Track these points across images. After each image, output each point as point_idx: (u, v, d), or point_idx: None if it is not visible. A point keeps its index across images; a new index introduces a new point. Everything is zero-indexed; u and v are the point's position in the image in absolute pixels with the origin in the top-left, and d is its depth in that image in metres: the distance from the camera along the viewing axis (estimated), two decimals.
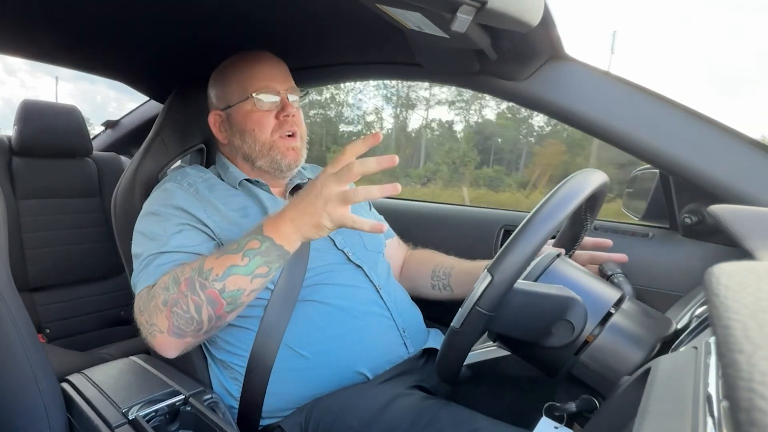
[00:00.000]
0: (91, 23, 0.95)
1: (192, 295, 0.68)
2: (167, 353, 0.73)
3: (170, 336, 0.70)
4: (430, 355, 0.90)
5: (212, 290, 0.67)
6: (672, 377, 0.37)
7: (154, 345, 0.73)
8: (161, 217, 0.82)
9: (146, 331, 0.73)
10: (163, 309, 0.70)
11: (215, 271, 0.68)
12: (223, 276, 0.67)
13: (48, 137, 1.54)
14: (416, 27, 0.71)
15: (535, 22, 0.63)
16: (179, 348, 0.74)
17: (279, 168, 0.91)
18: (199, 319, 0.69)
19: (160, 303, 0.70)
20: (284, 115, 0.90)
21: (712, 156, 0.76)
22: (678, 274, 0.89)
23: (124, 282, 1.69)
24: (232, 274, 0.67)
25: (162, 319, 0.70)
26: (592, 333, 0.59)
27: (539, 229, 0.56)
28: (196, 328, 0.70)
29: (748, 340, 0.19)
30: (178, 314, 0.69)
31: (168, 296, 0.69)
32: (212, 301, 0.68)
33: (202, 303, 0.68)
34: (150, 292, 0.73)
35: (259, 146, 0.90)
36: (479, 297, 0.56)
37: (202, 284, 0.68)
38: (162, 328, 0.70)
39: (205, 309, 0.68)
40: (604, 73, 0.83)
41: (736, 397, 0.17)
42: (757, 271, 0.26)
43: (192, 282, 0.68)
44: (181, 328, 0.70)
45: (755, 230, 0.43)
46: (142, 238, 0.82)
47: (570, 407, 0.60)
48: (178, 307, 0.69)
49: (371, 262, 0.92)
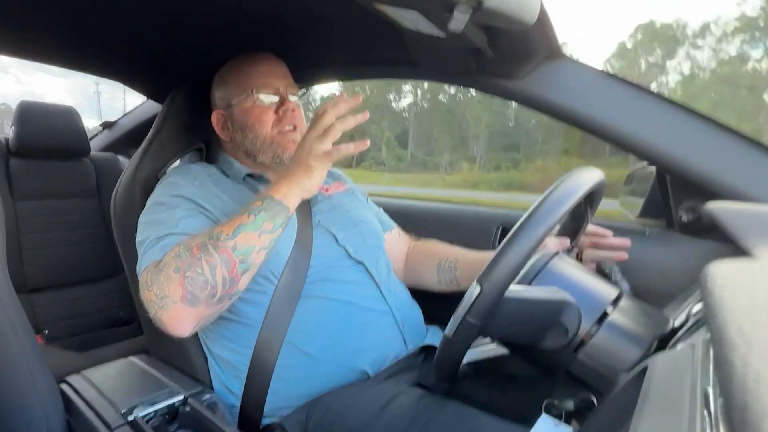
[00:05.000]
0: (90, 24, 0.95)
1: (206, 256, 0.68)
2: (179, 328, 0.70)
3: (184, 304, 0.68)
4: (429, 352, 0.91)
5: (224, 249, 0.69)
6: (669, 375, 0.37)
7: (166, 320, 0.70)
8: (167, 206, 0.82)
9: (156, 306, 0.70)
10: (175, 276, 0.68)
11: (225, 231, 0.70)
12: (233, 234, 0.70)
13: (45, 138, 1.54)
14: (413, 26, 0.71)
15: (532, 20, 0.63)
16: (192, 321, 0.71)
17: (281, 161, 0.92)
18: (213, 281, 0.68)
19: (171, 271, 0.69)
20: (283, 110, 0.91)
21: (708, 153, 0.77)
22: (675, 272, 0.89)
23: (122, 282, 1.68)
24: (241, 232, 0.70)
25: (175, 287, 0.68)
26: (589, 331, 0.59)
27: (529, 237, 0.55)
28: (210, 294, 0.69)
29: (742, 338, 0.19)
30: (192, 278, 0.68)
31: (180, 263, 0.69)
32: (226, 259, 0.69)
33: (216, 263, 0.68)
34: (159, 265, 0.72)
35: (260, 141, 0.92)
36: (469, 308, 0.56)
37: (214, 245, 0.69)
38: (175, 297, 0.68)
39: (219, 269, 0.69)
40: (601, 72, 0.83)
41: (730, 394, 0.17)
42: (752, 270, 0.26)
43: (204, 245, 0.69)
44: (195, 294, 0.68)
45: (751, 228, 0.43)
46: (148, 226, 0.81)
47: (568, 405, 0.60)
48: (191, 270, 0.68)
49: (372, 259, 0.92)
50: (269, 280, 0.82)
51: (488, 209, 1.28)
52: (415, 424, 0.68)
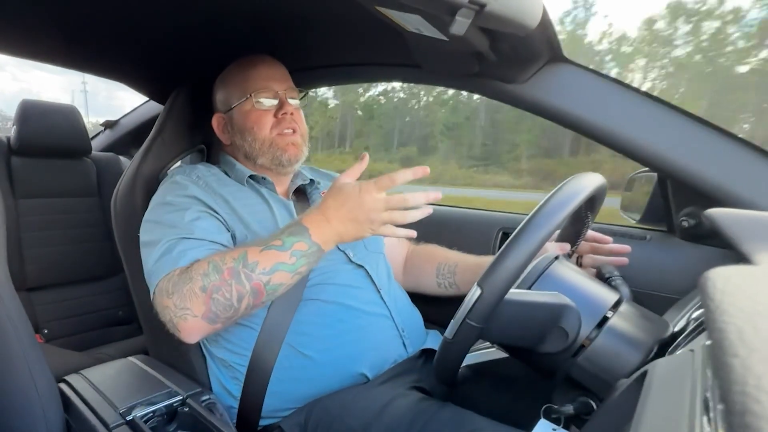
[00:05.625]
0: (92, 24, 0.95)
1: (237, 284, 0.70)
2: (191, 337, 0.73)
3: (203, 320, 0.71)
4: (428, 356, 0.91)
5: (258, 282, 0.70)
6: (669, 380, 0.37)
7: (182, 328, 0.72)
8: (176, 206, 0.83)
9: (173, 314, 0.72)
10: (201, 294, 0.70)
11: (261, 265, 0.70)
12: (270, 271, 0.70)
13: (47, 137, 1.54)
14: (415, 29, 0.71)
15: (534, 24, 0.63)
16: (205, 333, 0.74)
17: (281, 163, 0.93)
18: (237, 306, 0.71)
19: (197, 288, 0.70)
20: (282, 113, 0.92)
21: (709, 159, 0.77)
22: (675, 277, 0.89)
23: (122, 282, 1.68)
24: (278, 270, 0.71)
25: (198, 304, 0.70)
26: (589, 336, 0.59)
27: (529, 241, 0.55)
28: (231, 316, 0.72)
29: (743, 344, 0.19)
30: (218, 301, 0.70)
31: (208, 282, 0.70)
32: (255, 292, 0.71)
33: (245, 293, 0.70)
34: (183, 276, 0.73)
35: (259, 144, 0.92)
36: (469, 310, 0.56)
37: (247, 275, 0.70)
38: (197, 313, 0.71)
39: (246, 298, 0.71)
40: (603, 76, 0.83)
41: (731, 400, 0.17)
42: (753, 276, 0.26)
43: (236, 272, 0.70)
44: (218, 314, 0.71)
45: (752, 234, 0.43)
46: (157, 226, 0.81)
47: (567, 409, 0.60)
48: (219, 294, 0.70)
49: (372, 263, 0.92)
50: None
51: (488, 213, 1.28)
52: (413, 426, 0.68)
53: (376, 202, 0.70)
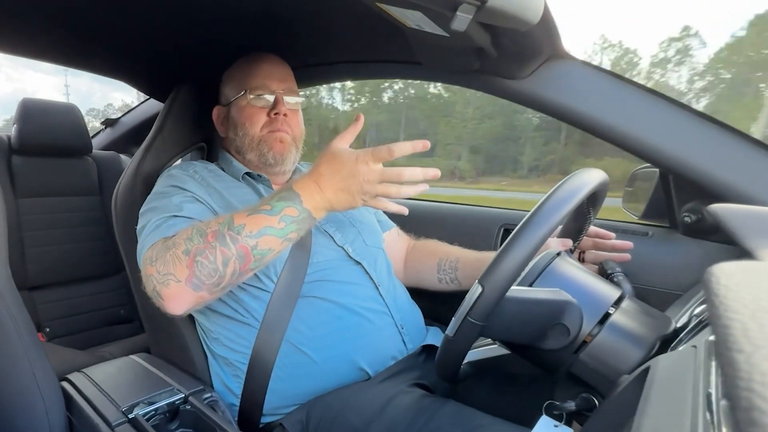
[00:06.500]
0: (92, 22, 0.95)
1: (221, 246, 0.67)
2: (175, 307, 0.69)
3: (187, 286, 0.67)
4: (430, 352, 0.91)
5: (244, 245, 0.67)
6: (671, 376, 0.37)
7: (165, 296, 0.68)
8: (167, 194, 0.83)
9: (157, 281, 0.69)
10: (184, 258, 0.67)
11: (248, 228, 0.67)
12: (257, 234, 0.67)
13: (48, 136, 1.54)
14: (416, 25, 0.71)
15: (535, 20, 0.63)
16: (190, 302, 0.69)
17: (266, 162, 0.93)
18: (222, 272, 0.67)
19: (180, 252, 0.68)
20: (275, 113, 0.92)
21: (711, 154, 0.76)
22: (677, 273, 0.89)
23: (123, 280, 1.69)
24: (266, 234, 0.68)
25: (181, 268, 0.67)
26: (591, 332, 0.59)
27: (531, 238, 0.55)
28: (216, 282, 0.68)
29: (747, 339, 0.19)
30: (202, 264, 0.67)
31: (191, 246, 0.68)
32: (242, 255, 0.67)
33: (231, 256, 0.67)
34: (166, 243, 0.71)
35: (249, 140, 0.93)
36: (471, 308, 0.56)
37: (233, 237, 0.67)
38: (180, 278, 0.67)
39: (232, 263, 0.67)
40: (604, 72, 0.83)
41: (736, 396, 0.17)
42: (756, 271, 0.26)
43: (221, 234, 0.67)
44: (201, 280, 0.67)
45: (755, 229, 0.43)
46: (149, 212, 0.81)
47: (569, 406, 0.60)
48: (203, 256, 0.67)
49: (371, 259, 0.92)
50: (269, 279, 0.82)
51: (490, 209, 1.27)
52: (415, 423, 0.68)
53: (371, 173, 0.67)
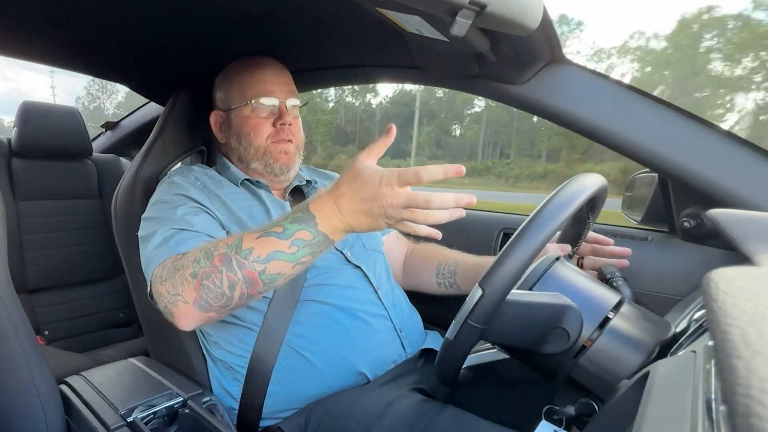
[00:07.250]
0: (93, 26, 0.95)
1: (227, 271, 0.65)
2: (185, 324, 0.70)
3: (195, 308, 0.68)
4: (429, 357, 0.91)
5: (251, 270, 0.65)
6: (670, 381, 0.37)
7: (175, 314, 0.69)
8: (172, 204, 0.82)
9: (166, 300, 0.69)
10: (192, 281, 0.67)
11: (256, 252, 0.65)
12: (265, 259, 0.64)
13: (48, 139, 1.54)
14: (416, 30, 0.71)
15: (535, 25, 0.63)
16: (199, 321, 0.70)
17: (272, 171, 0.93)
18: (230, 295, 0.66)
19: (188, 275, 0.68)
20: (281, 123, 0.91)
21: (710, 160, 0.76)
22: (676, 278, 0.89)
23: (123, 284, 1.68)
24: (275, 259, 0.64)
25: (189, 290, 0.67)
26: (590, 337, 0.59)
27: (531, 242, 0.55)
28: (224, 304, 0.67)
29: (746, 345, 0.19)
30: (209, 288, 0.66)
31: (198, 269, 0.67)
32: (249, 281, 0.65)
33: (237, 281, 0.65)
34: (176, 263, 0.71)
35: (254, 150, 0.92)
36: (471, 311, 0.56)
37: (240, 263, 0.65)
38: (187, 299, 0.67)
39: (239, 287, 0.66)
40: (603, 77, 0.83)
41: (734, 402, 0.17)
42: (755, 277, 0.26)
43: (228, 258, 0.65)
44: (209, 302, 0.67)
45: (753, 235, 0.43)
46: (155, 222, 0.81)
47: (569, 411, 0.60)
48: (209, 281, 0.66)
49: (370, 263, 0.92)
50: None
51: (489, 213, 1.27)
52: (414, 428, 0.68)
53: (395, 197, 0.60)
